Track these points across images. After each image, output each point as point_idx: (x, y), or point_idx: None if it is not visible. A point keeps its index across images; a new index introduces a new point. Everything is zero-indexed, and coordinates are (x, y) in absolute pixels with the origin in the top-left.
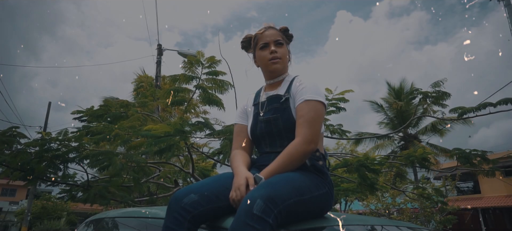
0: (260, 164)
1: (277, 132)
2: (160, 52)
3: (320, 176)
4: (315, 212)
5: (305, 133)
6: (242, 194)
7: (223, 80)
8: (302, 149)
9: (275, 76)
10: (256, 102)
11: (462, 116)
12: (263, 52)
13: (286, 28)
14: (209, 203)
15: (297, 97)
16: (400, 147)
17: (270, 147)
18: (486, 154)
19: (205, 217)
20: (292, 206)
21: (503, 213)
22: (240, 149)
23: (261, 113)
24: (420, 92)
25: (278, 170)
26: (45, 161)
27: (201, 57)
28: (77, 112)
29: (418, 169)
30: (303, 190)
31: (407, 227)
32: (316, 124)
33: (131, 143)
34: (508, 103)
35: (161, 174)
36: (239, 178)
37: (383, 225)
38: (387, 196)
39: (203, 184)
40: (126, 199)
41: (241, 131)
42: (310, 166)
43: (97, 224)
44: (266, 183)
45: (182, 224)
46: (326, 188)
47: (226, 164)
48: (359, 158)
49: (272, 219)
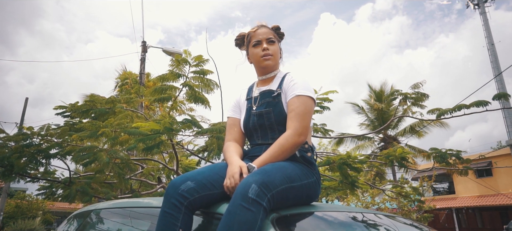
0: (252, 155)
1: (269, 125)
2: (144, 50)
3: (308, 166)
4: (304, 199)
5: (295, 125)
6: (236, 181)
7: (209, 80)
8: (293, 140)
9: (267, 72)
10: (249, 97)
11: (439, 116)
12: (255, 49)
13: (278, 27)
14: (204, 190)
15: (288, 92)
16: (380, 148)
17: (262, 139)
18: (460, 153)
19: (200, 203)
20: (284, 192)
21: (475, 212)
22: (233, 141)
23: (254, 107)
24: (401, 93)
25: (270, 159)
26: (26, 156)
27: (189, 56)
28: (59, 107)
29: (397, 170)
30: (293, 178)
31: (385, 216)
32: (306, 117)
33: (119, 138)
34: (480, 106)
35: (144, 171)
36: (233, 167)
37: (363, 212)
38: (367, 195)
39: (199, 172)
40: (109, 195)
41: (234, 124)
42: (299, 156)
43: (87, 216)
44: (260, 170)
45: (179, 210)
46: (314, 177)
47: (211, 162)
48: (341, 156)
49: (265, 203)
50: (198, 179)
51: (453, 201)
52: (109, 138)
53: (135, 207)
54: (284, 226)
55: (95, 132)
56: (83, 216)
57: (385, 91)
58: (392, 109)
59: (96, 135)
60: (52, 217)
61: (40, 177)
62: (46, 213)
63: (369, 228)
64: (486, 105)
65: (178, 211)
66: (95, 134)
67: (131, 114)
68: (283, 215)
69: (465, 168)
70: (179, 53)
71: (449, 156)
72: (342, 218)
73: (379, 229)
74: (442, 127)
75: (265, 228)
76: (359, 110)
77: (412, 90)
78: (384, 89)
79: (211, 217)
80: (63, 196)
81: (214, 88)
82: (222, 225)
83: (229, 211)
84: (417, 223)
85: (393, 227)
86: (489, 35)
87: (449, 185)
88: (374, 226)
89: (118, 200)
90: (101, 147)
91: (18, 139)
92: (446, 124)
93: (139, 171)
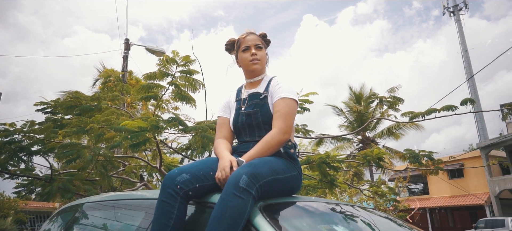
0: (240, 151)
1: (256, 124)
2: (127, 47)
3: (291, 162)
4: (287, 190)
5: (280, 124)
6: (227, 174)
7: (196, 79)
8: (278, 138)
9: (254, 75)
10: (238, 98)
11: (412, 119)
12: (244, 54)
13: (265, 34)
14: (198, 181)
15: (274, 95)
16: (359, 149)
17: (250, 137)
18: (432, 154)
19: (194, 193)
20: (270, 183)
21: (447, 212)
22: (223, 138)
23: (242, 108)
24: (377, 97)
25: (257, 155)
26: (7, 152)
27: (177, 56)
28: (40, 103)
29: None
30: (278, 171)
31: (362, 208)
32: (290, 118)
33: (105, 135)
34: (449, 110)
35: (126, 169)
36: (224, 161)
37: (340, 204)
38: (344, 195)
39: (193, 166)
40: (91, 192)
41: (224, 122)
42: (283, 152)
43: (78, 210)
44: (249, 164)
45: (175, 199)
46: (296, 171)
47: (194, 160)
48: (321, 155)
49: (254, 192)
50: (193, 172)
51: (427, 201)
52: (95, 134)
53: (130, 199)
54: (270, 213)
55: (83, 128)
56: (74, 209)
57: (364, 94)
58: (371, 111)
59: (84, 130)
60: (25, 216)
61: (19, 173)
62: (18, 213)
63: (346, 218)
64: (455, 110)
65: (175, 200)
66: (82, 129)
67: (116, 111)
68: (269, 204)
69: (436, 168)
70: (162, 51)
71: (422, 156)
72: (322, 208)
73: (356, 219)
74: (418, 129)
75: (253, 214)
76: (339, 112)
77: (388, 94)
78: (363, 92)
79: (203, 206)
80: (44, 193)
81: (199, 88)
82: (216, 211)
83: (222, 199)
84: (391, 217)
85: (368, 217)
86: (464, 42)
87: (424, 186)
88: (351, 216)
89: (111, 193)
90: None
91: (1, 135)
92: (421, 126)
93: (121, 169)
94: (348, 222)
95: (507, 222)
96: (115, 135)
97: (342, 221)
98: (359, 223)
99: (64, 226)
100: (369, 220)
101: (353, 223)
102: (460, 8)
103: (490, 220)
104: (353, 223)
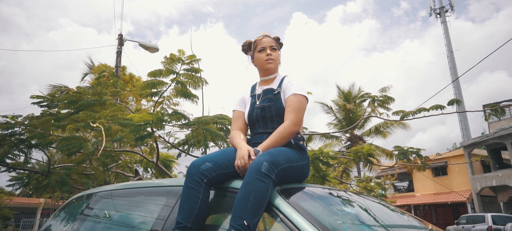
0: (254, 142)
1: (270, 117)
2: (121, 43)
3: (301, 152)
4: (299, 177)
5: (292, 117)
6: (245, 162)
7: (199, 77)
8: (290, 129)
9: (269, 73)
10: (253, 93)
11: (403, 118)
12: (260, 54)
13: (278, 38)
14: (220, 169)
15: (287, 91)
16: (347, 147)
17: (263, 128)
18: (420, 151)
19: (217, 180)
20: (285, 170)
21: (431, 209)
22: (238, 130)
23: (257, 102)
24: (370, 96)
25: (271, 144)
26: (7, 144)
27: (182, 55)
28: (37, 97)
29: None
30: (292, 159)
31: (355, 194)
32: (301, 112)
33: (112, 128)
34: (438, 109)
35: (122, 163)
36: (242, 150)
37: (347, 192)
38: None
39: (214, 155)
40: (88, 186)
41: (239, 116)
42: (294, 144)
43: (91, 199)
44: (267, 152)
45: (200, 185)
46: (306, 161)
47: (191, 155)
48: (314, 151)
49: (274, 176)
50: (215, 161)
51: (412, 199)
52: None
53: (148, 187)
54: (287, 196)
55: (92, 121)
56: (87, 199)
57: (353, 92)
58: (360, 110)
59: (91, 126)
60: (10, 212)
61: (17, 167)
62: (3, 208)
63: (351, 202)
64: (442, 109)
65: (200, 186)
66: (89, 124)
67: (122, 107)
68: (285, 188)
69: (423, 164)
70: (156, 48)
71: (410, 153)
72: (329, 193)
73: (361, 204)
74: (405, 128)
75: (274, 195)
76: (328, 110)
77: (380, 93)
78: (352, 90)
79: (224, 191)
80: (40, 187)
81: (202, 85)
82: (241, 194)
83: (247, 183)
84: (392, 206)
85: (364, 203)
86: (449, 43)
87: (409, 184)
88: (355, 201)
89: (126, 183)
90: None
91: (2, 128)
92: (408, 125)
93: (117, 163)
94: (354, 206)
95: (487, 218)
96: (119, 129)
97: (349, 204)
98: (362, 207)
99: (79, 215)
100: (369, 205)
101: (358, 206)
102: (446, 10)
103: (471, 216)
104: (357, 207)
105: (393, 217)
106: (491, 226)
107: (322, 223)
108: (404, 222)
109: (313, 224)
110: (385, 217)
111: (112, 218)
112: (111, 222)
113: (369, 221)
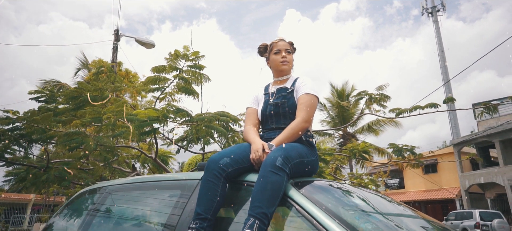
0: (267, 137)
1: (283, 113)
2: (117, 38)
3: (310, 148)
4: (309, 171)
5: (303, 114)
6: (260, 155)
7: (201, 74)
8: (301, 125)
9: (283, 74)
10: (266, 92)
11: (398, 115)
12: (276, 56)
13: (292, 42)
14: (237, 164)
15: (299, 90)
16: (340, 144)
17: (276, 124)
18: (414, 148)
19: (234, 174)
20: (297, 164)
21: (421, 205)
22: (252, 126)
23: (271, 99)
24: (367, 93)
25: (284, 139)
26: (7, 139)
27: (187, 52)
28: (35, 92)
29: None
30: (303, 155)
31: (358, 188)
32: (312, 110)
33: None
34: (432, 107)
35: (119, 159)
36: (256, 145)
37: (342, 183)
38: None
39: (231, 151)
40: (88, 181)
41: (253, 112)
42: (304, 140)
43: (99, 192)
44: (280, 148)
45: (219, 179)
46: (315, 156)
47: (189, 151)
48: None
49: (288, 170)
50: (232, 156)
51: (403, 195)
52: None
53: (161, 181)
54: (300, 188)
55: (99, 117)
56: (97, 192)
57: (346, 90)
58: (353, 107)
59: (100, 120)
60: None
61: (15, 161)
62: None
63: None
64: (437, 107)
65: (218, 180)
66: (98, 119)
67: (125, 102)
68: (298, 181)
69: (416, 161)
70: (152, 44)
71: (405, 150)
72: (338, 186)
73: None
74: (396, 126)
75: (288, 188)
76: (321, 108)
77: (377, 92)
78: (346, 88)
79: (240, 184)
80: (39, 182)
81: (204, 81)
82: (258, 186)
83: (263, 175)
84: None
85: (369, 195)
86: (440, 42)
87: (400, 181)
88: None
89: (137, 177)
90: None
91: (3, 123)
92: (399, 123)
93: (114, 159)
94: (361, 198)
95: (475, 214)
96: (122, 124)
97: (357, 196)
98: (369, 199)
99: (91, 207)
100: (376, 198)
101: (365, 198)
102: (438, 9)
103: (460, 212)
104: (365, 199)
105: (400, 209)
106: (479, 222)
107: (335, 212)
108: (410, 213)
109: (327, 213)
110: (393, 209)
111: (126, 211)
112: (125, 215)
113: (378, 211)
